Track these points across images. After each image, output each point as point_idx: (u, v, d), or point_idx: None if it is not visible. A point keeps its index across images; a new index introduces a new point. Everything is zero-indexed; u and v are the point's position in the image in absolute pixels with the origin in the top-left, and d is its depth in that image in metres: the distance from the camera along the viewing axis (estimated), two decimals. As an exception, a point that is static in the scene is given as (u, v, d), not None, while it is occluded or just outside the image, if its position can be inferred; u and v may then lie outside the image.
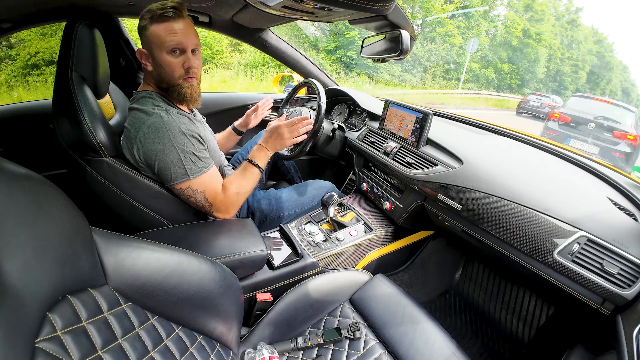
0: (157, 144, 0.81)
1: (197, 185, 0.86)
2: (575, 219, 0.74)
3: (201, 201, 0.88)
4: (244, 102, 1.77)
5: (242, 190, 0.94)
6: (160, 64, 0.84)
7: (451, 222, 0.99)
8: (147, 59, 0.85)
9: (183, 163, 0.82)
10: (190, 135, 0.84)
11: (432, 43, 15.36)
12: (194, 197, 0.87)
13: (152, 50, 0.83)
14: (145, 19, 0.81)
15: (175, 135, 0.81)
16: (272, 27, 1.49)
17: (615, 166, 1.01)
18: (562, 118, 5.12)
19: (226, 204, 0.91)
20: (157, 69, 0.85)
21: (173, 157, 0.81)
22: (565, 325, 1.03)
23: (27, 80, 6.11)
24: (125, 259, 0.50)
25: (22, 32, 1.82)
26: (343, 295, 0.91)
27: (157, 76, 0.86)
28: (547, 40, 18.97)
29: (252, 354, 0.69)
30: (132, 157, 0.85)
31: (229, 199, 0.91)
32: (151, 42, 0.82)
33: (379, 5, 0.73)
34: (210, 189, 0.88)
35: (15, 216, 0.36)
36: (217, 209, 0.91)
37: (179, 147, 0.82)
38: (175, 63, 0.84)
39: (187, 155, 0.83)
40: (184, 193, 0.86)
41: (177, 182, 0.84)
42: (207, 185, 0.88)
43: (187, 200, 0.89)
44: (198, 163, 0.85)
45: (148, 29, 0.81)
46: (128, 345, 0.45)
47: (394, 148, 1.19)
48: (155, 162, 0.82)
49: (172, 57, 0.83)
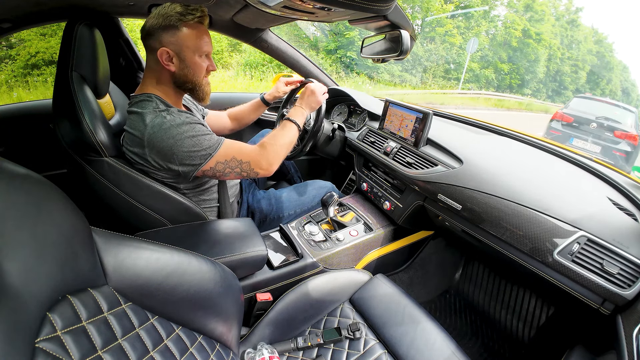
0: (167, 140, 0.80)
1: (223, 156, 0.86)
2: (575, 218, 0.74)
3: (237, 166, 0.88)
4: (243, 102, 1.77)
5: (283, 142, 0.96)
6: (190, 65, 0.86)
7: (451, 222, 0.99)
8: (171, 59, 0.85)
9: (200, 145, 0.83)
10: (195, 123, 0.85)
11: (432, 43, 15.36)
12: (229, 166, 0.87)
13: (183, 51, 0.84)
14: (173, 19, 0.81)
15: (180, 126, 0.82)
16: (272, 27, 1.49)
17: (616, 164, 1.01)
18: (564, 118, 5.24)
19: (267, 156, 0.92)
20: (184, 70, 0.87)
21: (188, 144, 0.82)
22: (565, 325, 1.03)
23: (27, 80, 6.11)
24: (125, 259, 0.50)
25: (22, 32, 1.82)
26: (343, 295, 0.91)
27: (182, 76, 0.88)
28: (547, 40, 18.96)
29: (252, 354, 0.69)
30: (146, 162, 0.84)
31: (269, 152, 0.92)
32: (183, 44, 0.83)
33: (379, 5, 0.73)
34: (238, 151, 0.89)
35: (15, 216, 0.36)
36: (258, 164, 0.90)
37: (189, 134, 0.82)
38: (203, 65, 0.89)
39: (199, 137, 0.83)
40: (217, 170, 0.86)
41: (204, 163, 0.84)
42: (233, 150, 0.88)
43: (224, 176, 0.88)
44: (212, 139, 0.85)
45: (181, 30, 0.82)
46: (128, 345, 0.45)
47: (394, 148, 1.19)
48: (173, 156, 0.82)
49: (201, 59, 0.88)
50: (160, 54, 0.84)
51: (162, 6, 0.83)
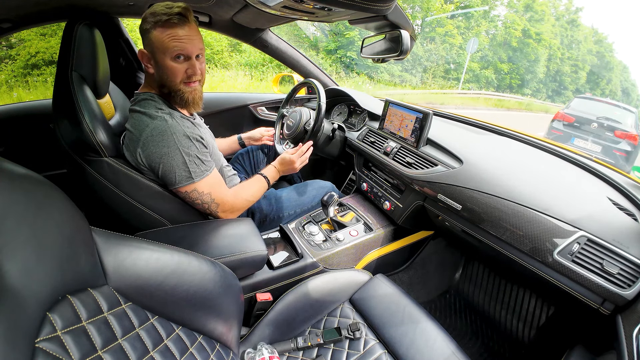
0: (161, 147, 0.80)
1: (202, 187, 0.86)
2: (575, 218, 0.74)
3: (207, 202, 0.89)
4: (243, 102, 1.77)
5: (253, 197, 1.02)
6: (163, 68, 0.82)
7: (451, 222, 0.99)
8: (149, 61, 0.84)
9: (187, 166, 0.82)
10: (194, 139, 0.84)
11: (432, 43, 15.35)
12: (200, 199, 0.88)
13: (155, 54, 0.81)
14: (148, 22, 0.79)
15: (180, 138, 0.81)
16: (272, 27, 1.49)
17: (617, 164, 1.01)
18: (566, 118, 5.29)
19: (234, 206, 0.95)
20: (159, 73, 0.84)
21: (178, 160, 0.81)
22: (565, 325, 1.03)
23: (27, 80, 6.10)
24: (125, 259, 0.50)
25: (22, 32, 1.82)
26: (343, 295, 0.91)
27: (158, 79, 0.86)
28: (547, 40, 18.95)
29: (252, 354, 0.69)
30: (134, 159, 0.84)
31: (238, 204, 0.97)
32: (154, 46, 0.80)
33: (379, 5, 0.73)
34: (216, 191, 0.90)
35: (15, 216, 0.36)
36: (224, 210, 0.93)
37: (183, 151, 0.82)
38: (178, 69, 0.82)
39: (191, 158, 0.83)
40: (190, 196, 0.87)
41: (182, 185, 0.84)
42: (212, 187, 0.88)
43: (192, 203, 0.89)
44: (201, 166, 0.85)
45: (151, 32, 0.79)
46: (128, 345, 0.45)
47: (394, 148, 1.19)
48: (160, 165, 0.82)
49: (175, 62, 0.82)
50: (140, 56, 0.85)
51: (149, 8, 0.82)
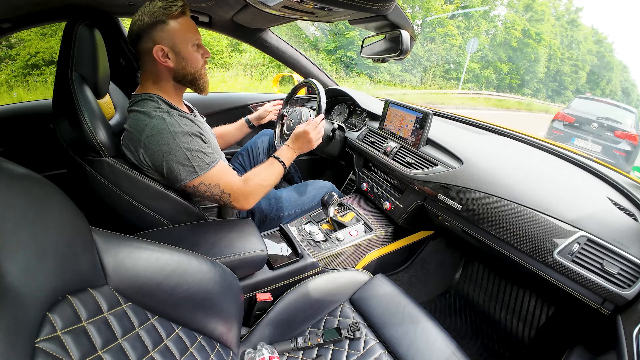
0: (162, 146, 0.80)
1: (209, 179, 0.86)
2: (575, 218, 0.74)
3: (218, 193, 0.88)
4: (244, 102, 1.77)
5: (265, 182, 0.95)
6: (186, 57, 0.86)
7: (451, 222, 0.99)
8: (167, 55, 0.84)
9: (190, 161, 0.83)
10: (194, 135, 0.84)
11: (432, 43, 15.35)
12: (210, 191, 0.87)
13: (177, 45, 0.84)
14: (158, 14, 0.80)
15: (179, 135, 0.81)
16: (272, 27, 1.49)
17: (617, 164, 1.01)
18: (566, 118, 5.31)
19: (246, 193, 0.91)
20: (181, 63, 0.86)
21: (180, 156, 0.81)
22: (565, 325, 1.03)
23: (27, 80, 6.11)
24: (125, 259, 0.50)
25: (22, 32, 1.82)
26: (343, 295, 0.91)
27: (181, 70, 0.87)
28: (547, 40, 18.95)
29: (252, 354, 0.69)
30: (136, 159, 0.84)
31: (250, 189, 0.92)
32: (175, 37, 0.83)
33: (379, 5, 0.73)
34: (225, 181, 0.89)
35: (15, 216, 0.36)
36: (236, 199, 0.91)
37: (184, 147, 0.82)
38: (198, 56, 0.88)
39: (193, 153, 0.83)
40: (199, 190, 0.87)
41: (188, 180, 0.84)
42: (220, 178, 0.88)
43: (203, 196, 0.89)
44: (205, 159, 0.85)
45: (167, 23, 0.81)
46: (128, 345, 0.45)
47: (394, 148, 1.19)
48: (163, 163, 0.82)
49: (195, 50, 0.87)
50: (155, 52, 0.83)
51: (142, 6, 0.82)
